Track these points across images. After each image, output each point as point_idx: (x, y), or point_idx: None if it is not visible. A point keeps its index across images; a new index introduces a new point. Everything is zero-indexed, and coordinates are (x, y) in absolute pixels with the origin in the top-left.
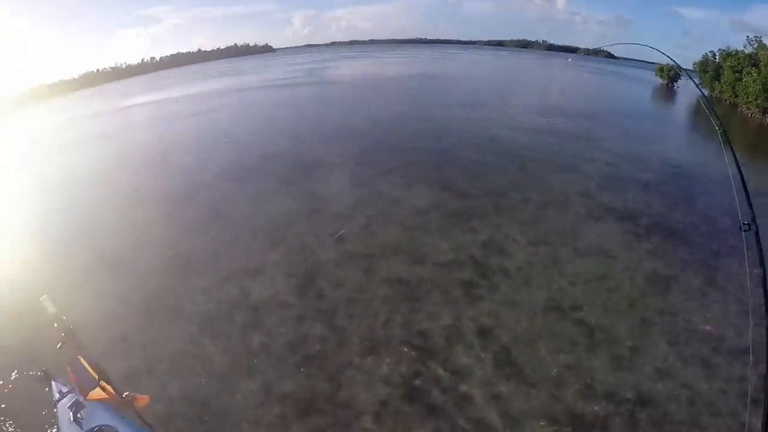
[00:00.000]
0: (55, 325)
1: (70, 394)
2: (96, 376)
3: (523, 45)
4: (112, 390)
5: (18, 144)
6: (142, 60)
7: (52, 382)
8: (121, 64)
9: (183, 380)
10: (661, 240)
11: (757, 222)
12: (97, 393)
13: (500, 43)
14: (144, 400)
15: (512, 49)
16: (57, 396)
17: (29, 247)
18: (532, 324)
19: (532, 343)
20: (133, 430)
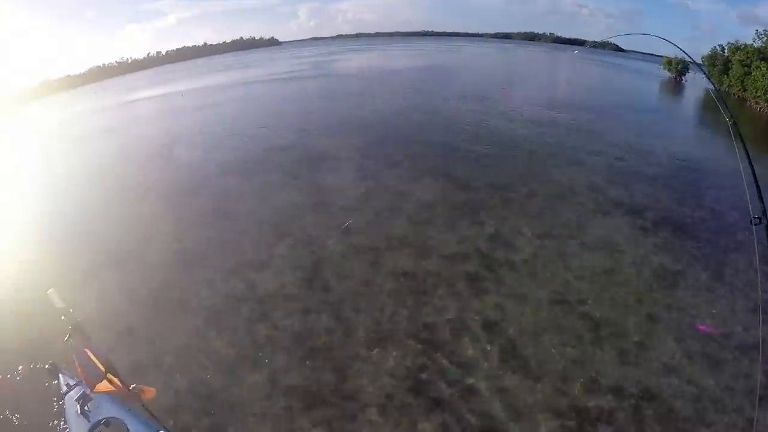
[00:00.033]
0: (62, 318)
1: (77, 387)
2: (103, 368)
3: (530, 38)
4: (119, 382)
5: (23, 138)
6: (148, 54)
7: (60, 375)
8: (127, 59)
9: (189, 373)
10: (668, 234)
11: None
12: (104, 385)
13: (507, 36)
14: (151, 392)
15: (519, 42)
16: (64, 389)
17: (36, 241)
18: (538, 317)
19: (538, 337)
20: (140, 423)
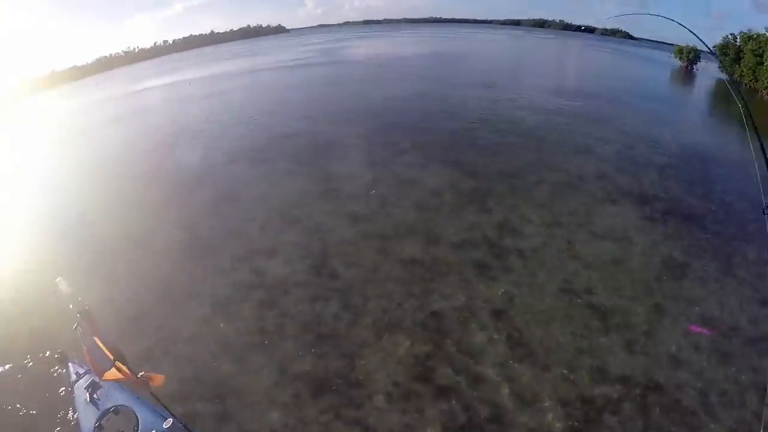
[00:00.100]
0: (71, 307)
1: (86, 375)
2: (111, 356)
3: (540, 24)
4: (128, 370)
5: (31, 129)
6: (155, 43)
7: (69, 363)
8: (134, 48)
9: (198, 360)
10: (677, 224)
11: None
12: (113, 373)
13: (516, 23)
14: (159, 379)
15: (528, 29)
16: (74, 377)
17: (45, 230)
18: (546, 306)
19: (546, 325)
20: (149, 410)
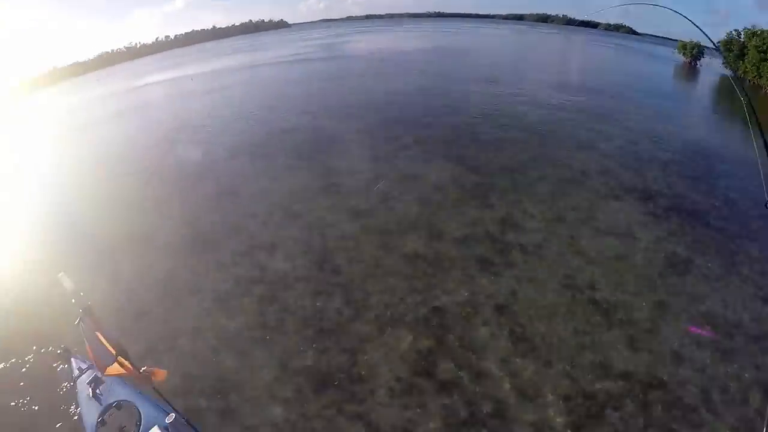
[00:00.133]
0: (73, 302)
1: (89, 371)
2: (113, 351)
3: (543, 19)
4: (130, 365)
5: (33, 126)
6: (157, 39)
7: (72, 359)
8: (136, 44)
9: (200, 355)
10: (680, 221)
11: None
12: (115, 368)
13: (519, 17)
14: (162, 374)
15: (531, 24)
16: (76, 372)
17: (47, 227)
18: (548, 301)
19: (548, 321)
20: (151, 405)
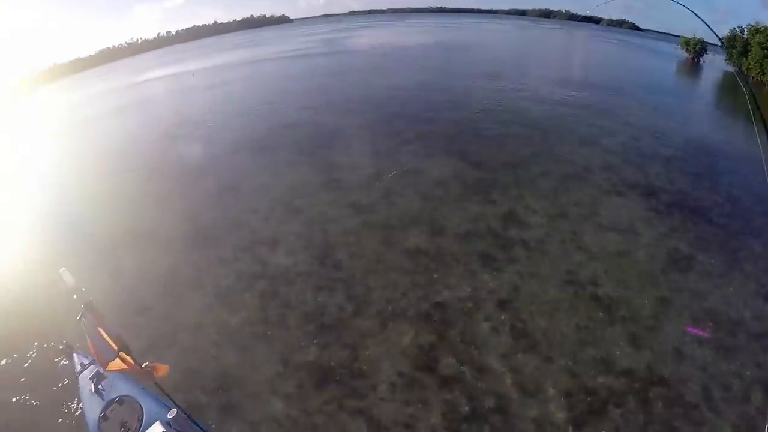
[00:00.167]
0: (74, 297)
1: (91, 366)
2: (115, 347)
3: (546, 14)
4: (132, 360)
5: (34, 123)
6: (158, 34)
7: (74, 354)
8: (137, 40)
9: (201, 350)
10: (683, 217)
11: None
12: (117, 364)
13: (522, 13)
14: (163, 370)
15: (534, 19)
16: (78, 368)
17: (48, 223)
18: (550, 297)
19: (550, 317)
20: (153, 400)
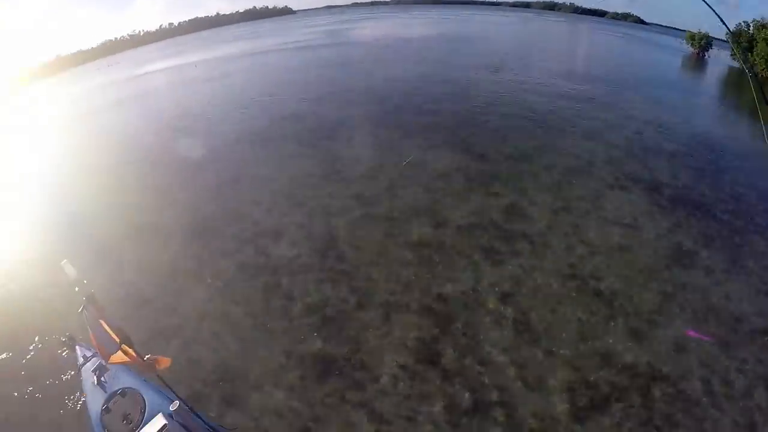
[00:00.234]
0: (76, 290)
1: (93, 358)
2: (117, 339)
3: (550, 7)
4: (134, 353)
5: (35, 116)
6: (160, 26)
7: (77, 346)
8: (139, 32)
9: (204, 343)
10: (686, 213)
11: None
12: (119, 356)
13: (526, 5)
14: (166, 362)
15: (538, 11)
16: (81, 360)
17: (48, 216)
18: (553, 291)
19: (552, 311)
20: (155, 392)
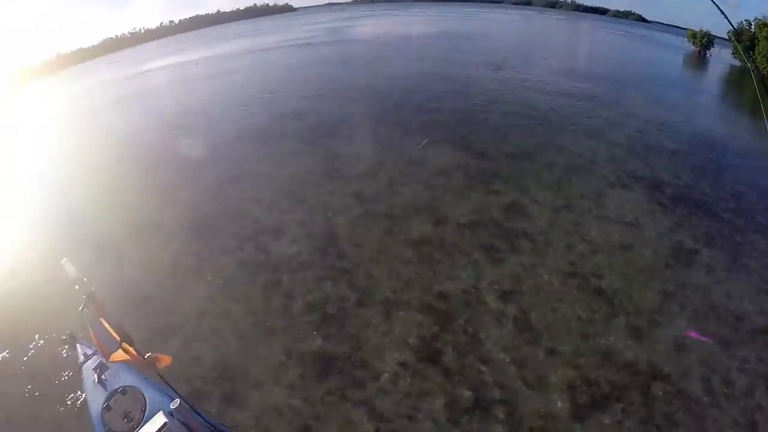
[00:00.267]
0: (76, 288)
1: (94, 357)
2: (118, 337)
3: (551, 5)
4: (134, 351)
5: (34, 114)
6: (161, 24)
7: (77, 345)
8: (140, 29)
9: (204, 341)
10: (687, 212)
11: None
12: (120, 355)
13: (528, 2)
14: (166, 360)
15: (540, 9)
16: (82, 358)
17: (48, 213)
18: (554, 289)
19: (553, 309)
20: (156, 390)
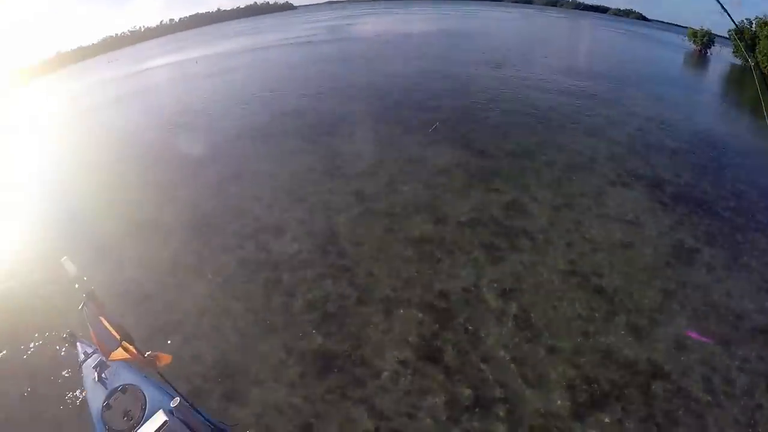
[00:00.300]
0: (76, 286)
1: (94, 355)
2: (118, 336)
3: (552, 3)
4: (134, 350)
5: (34, 113)
6: (161, 22)
7: (78, 343)
8: (140, 28)
9: (204, 339)
10: (687, 210)
11: None
12: (120, 353)
13: (529, 1)
14: (166, 359)
15: (540, 7)
16: (82, 357)
17: (48, 212)
18: (554, 288)
19: (553, 307)
20: (156, 389)
